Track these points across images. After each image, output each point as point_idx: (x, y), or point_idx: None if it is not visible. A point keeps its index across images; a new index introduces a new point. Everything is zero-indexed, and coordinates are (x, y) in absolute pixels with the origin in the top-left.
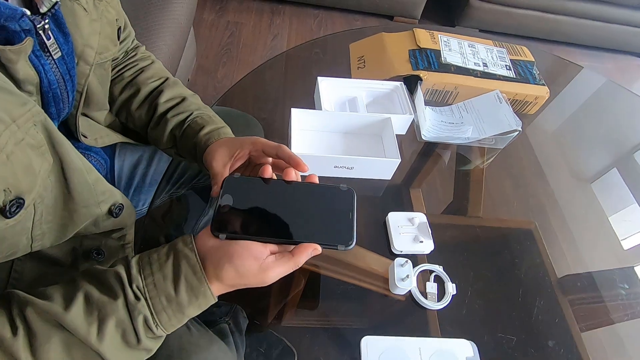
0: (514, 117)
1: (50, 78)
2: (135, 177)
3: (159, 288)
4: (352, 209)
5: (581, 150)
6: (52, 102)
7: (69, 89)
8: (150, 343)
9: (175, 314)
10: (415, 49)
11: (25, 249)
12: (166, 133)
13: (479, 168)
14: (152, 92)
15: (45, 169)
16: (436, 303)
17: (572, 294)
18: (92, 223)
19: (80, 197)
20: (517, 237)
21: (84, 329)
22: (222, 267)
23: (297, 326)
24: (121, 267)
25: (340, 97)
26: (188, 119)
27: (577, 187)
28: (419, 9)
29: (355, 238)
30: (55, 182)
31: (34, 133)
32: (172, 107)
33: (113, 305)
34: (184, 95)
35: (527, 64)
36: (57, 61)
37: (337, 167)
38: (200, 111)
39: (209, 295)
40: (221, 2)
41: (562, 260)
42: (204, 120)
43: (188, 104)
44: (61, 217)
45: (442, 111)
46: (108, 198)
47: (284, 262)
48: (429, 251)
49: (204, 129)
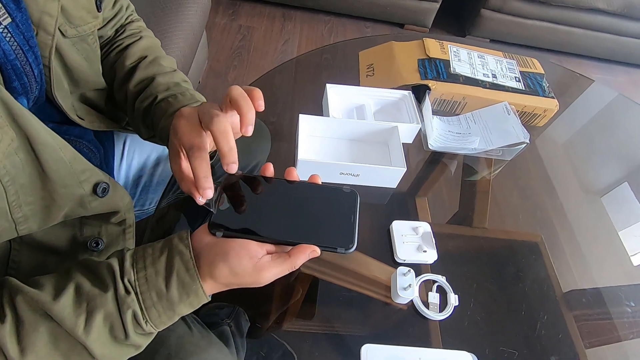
0: (522, 129)
1: (5, 48)
2: (144, 177)
3: (150, 283)
4: (355, 212)
5: (591, 164)
6: (14, 75)
7: (31, 61)
8: (139, 339)
9: (166, 311)
10: (424, 59)
11: (10, 233)
12: (139, 123)
13: (485, 179)
14: (126, 75)
15: (6, 144)
16: (438, 314)
17: (577, 310)
18: (77, 204)
19: (56, 175)
20: (522, 250)
21: (71, 320)
22: (216, 265)
23: (298, 331)
24: (115, 260)
25: (348, 104)
26: (153, 105)
27: (587, 200)
28: (430, 17)
29: (357, 242)
30: (26, 160)
31: None
32: (140, 91)
33: (103, 298)
34: (152, 75)
35: (537, 76)
36: (10, 29)
37: (343, 174)
38: (167, 92)
39: (201, 293)
40: (234, 6)
41: (568, 275)
42: (168, 103)
43: (155, 86)
44: (42, 197)
45: (449, 121)
46: (90, 177)
47: (279, 262)
48: (432, 261)
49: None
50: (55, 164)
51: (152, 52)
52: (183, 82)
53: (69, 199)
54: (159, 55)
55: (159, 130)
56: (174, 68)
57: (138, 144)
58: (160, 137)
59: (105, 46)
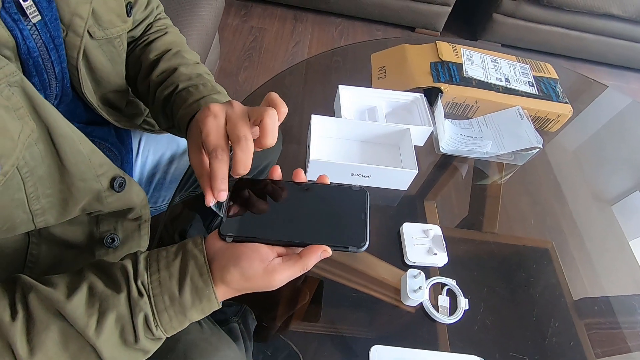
0: (534, 134)
1: (30, 45)
2: (157, 174)
3: (163, 286)
4: (365, 210)
5: (603, 171)
6: (34, 71)
7: (53, 59)
8: (148, 344)
9: (177, 315)
10: (437, 62)
11: (27, 225)
12: (159, 112)
13: (496, 183)
14: (150, 67)
15: (27, 134)
16: (448, 317)
17: (588, 318)
18: (94, 198)
19: (75, 168)
20: (533, 256)
21: (83, 320)
22: (228, 269)
23: (304, 332)
24: (128, 261)
25: (360, 106)
26: (174, 94)
27: (597, 208)
28: (441, 21)
29: (368, 240)
30: (45, 151)
31: (8, 94)
32: (162, 81)
33: (115, 299)
34: (175, 66)
35: (551, 81)
36: (38, 27)
37: (354, 175)
38: (189, 82)
39: (213, 299)
40: (246, 7)
41: (578, 283)
42: (189, 92)
43: (177, 75)
44: (60, 190)
45: (461, 124)
46: (107, 171)
47: (290, 264)
48: (443, 264)
49: (184, 105)
50: (73, 157)
51: (176, 45)
52: (205, 74)
53: (86, 192)
54: (183, 49)
55: (178, 119)
56: (197, 61)
57: (153, 142)
58: (179, 126)
59: (133, 42)
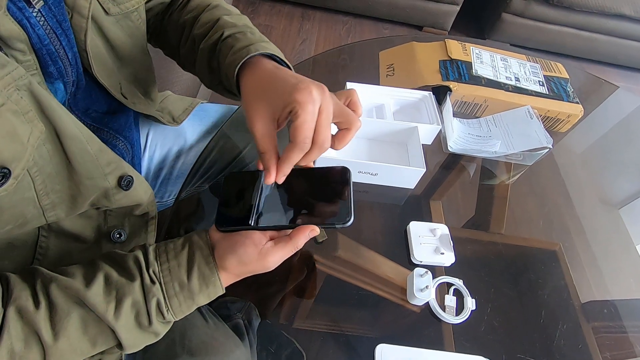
0: (544, 134)
1: (39, 32)
2: (164, 169)
3: (173, 274)
4: (349, 187)
5: (611, 173)
6: (49, 60)
7: (64, 44)
8: (160, 327)
9: (186, 300)
10: (446, 60)
11: (38, 219)
12: (204, 67)
13: (504, 183)
14: (190, 23)
15: (36, 136)
16: (454, 317)
17: (596, 321)
18: (102, 196)
19: (82, 167)
20: (540, 258)
21: (102, 306)
22: (226, 257)
23: (308, 329)
24: (139, 252)
25: (368, 103)
26: (219, 42)
27: (605, 211)
28: (449, 20)
29: (354, 215)
30: (53, 151)
31: (17, 98)
32: (205, 33)
33: (130, 287)
34: (217, 17)
35: (561, 81)
36: (43, 12)
37: (362, 173)
38: (234, 28)
39: (219, 285)
40: (253, 5)
41: (585, 286)
42: (236, 39)
43: (221, 24)
44: (68, 187)
45: (470, 123)
46: (115, 169)
47: (282, 246)
48: (450, 264)
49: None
50: (81, 157)
51: (214, 0)
52: (250, 24)
53: (94, 190)
54: (222, 4)
55: (225, 67)
56: (239, 12)
57: (160, 137)
58: (226, 75)
59: (166, 9)
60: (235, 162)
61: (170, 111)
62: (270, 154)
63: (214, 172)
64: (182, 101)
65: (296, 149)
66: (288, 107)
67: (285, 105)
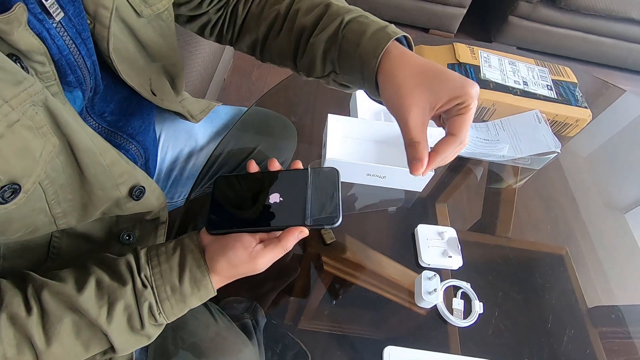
0: (553, 138)
1: (59, 43)
2: (175, 170)
3: (164, 278)
4: (336, 188)
5: (617, 177)
6: (69, 69)
7: (83, 54)
8: (152, 330)
9: (178, 303)
10: (454, 63)
11: (49, 227)
12: (318, 58)
13: (511, 187)
14: (287, 14)
15: (49, 151)
16: (462, 320)
17: (603, 326)
18: (114, 205)
19: (94, 179)
20: (548, 262)
21: (94, 311)
22: (216, 260)
23: (314, 330)
24: (131, 256)
25: (376, 106)
26: (340, 30)
27: (610, 215)
28: (455, 23)
29: (341, 215)
30: (66, 163)
31: (32, 114)
32: (315, 23)
33: (122, 291)
34: (324, 1)
35: (570, 85)
36: (63, 23)
37: (370, 175)
38: (353, 13)
39: (210, 287)
40: None
41: (592, 290)
42: (361, 24)
43: (334, 11)
44: (80, 196)
45: (477, 127)
46: (127, 180)
47: (271, 248)
48: (457, 267)
49: (365, 38)
50: (94, 168)
51: None
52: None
53: (105, 200)
54: None
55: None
56: None
57: (172, 138)
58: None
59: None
60: (244, 163)
61: (189, 110)
62: (424, 144)
63: (223, 173)
64: (198, 103)
65: (457, 142)
66: (458, 99)
67: (453, 97)
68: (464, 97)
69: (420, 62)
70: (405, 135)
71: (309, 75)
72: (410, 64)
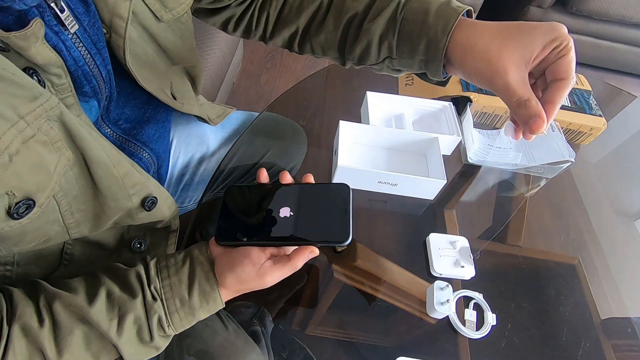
0: (567, 147)
1: (75, 55)
2: (186, 175)
3: (174, 290)
4: (348, 205)
5: (628, 185)
6: (84, 80)
7: (98, 63)
8: (161, 341)
9: (187, 316)
10: None
11: (62, 236)
12: (373, 45)
13: (522, 196)
14: (332, 1)
15: (63, 164)
16: (475, 332)
17: (616, 339)
18: (126, 215)
19: (107, 190)
20: (560, 272)
21: (105, 324)
22: (225, 275)
23: (323, 337)
24: (141, 268)
25: (387, 113)
26: (398, 12)
27: (620, 223)
28: None
29: (352, 234)
30: (79, 175)
31: (47, 129)
32: (367, 6)
33: (132, 304)
34: None
35: (584, 93)
36: (79, 35)
37: (381, 183)
38: None
39: (219, 300)
40: None
41: (604, 301)
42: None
43: None
44: (93, 206)
45: (490, 135)
46: (139, 191)
47: (280, 266)
48: (470, 277)
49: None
50: (107, 180)
51: None
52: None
53: (117, 210)
54: None
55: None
56: None
57: (184, 143)
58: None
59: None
60: (255, 168)
61: (207, 114)
62: (535, 99)
63: (234, 178)
64: (214, 109)
65: (568, 84)
66: (553, 43)
67: (548, 43)
68: (560, 39)
69: (493, 25)
70: (511, 98)
71: (360, 64)
72: (486, 29)
